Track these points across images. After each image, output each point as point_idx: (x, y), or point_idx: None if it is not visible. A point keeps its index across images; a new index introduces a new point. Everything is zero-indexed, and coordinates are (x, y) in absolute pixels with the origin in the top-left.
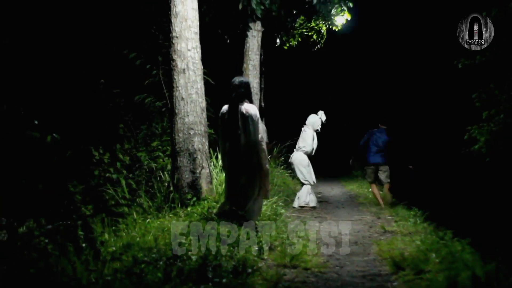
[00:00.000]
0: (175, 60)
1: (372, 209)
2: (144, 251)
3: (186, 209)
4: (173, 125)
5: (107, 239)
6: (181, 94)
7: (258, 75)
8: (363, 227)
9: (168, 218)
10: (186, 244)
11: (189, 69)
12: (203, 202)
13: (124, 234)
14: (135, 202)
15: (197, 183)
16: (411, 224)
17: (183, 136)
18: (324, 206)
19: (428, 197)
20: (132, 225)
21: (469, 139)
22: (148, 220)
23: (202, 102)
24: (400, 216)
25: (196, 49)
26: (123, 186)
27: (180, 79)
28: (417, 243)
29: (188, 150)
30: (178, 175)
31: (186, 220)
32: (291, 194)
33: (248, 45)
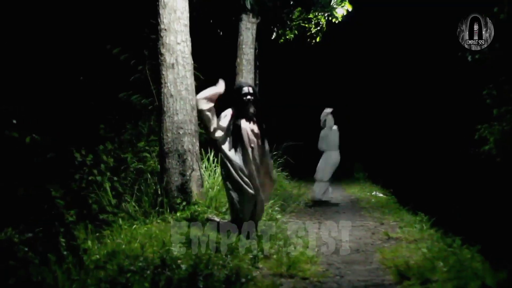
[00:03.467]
0: (164, 54)
1: (375, 214)
2: (130, 259)
3: (175, 214)
4: (161, 124)
5: (90, 247)
6: (169, 91)
7: (253, 70)
8: (365, 234)
9: (156, 224)
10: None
11: (179, 64)
12: (193, 206)
13: (109, 241)
14: (121, 206)
15: (187, 186)
16: (416, 230)
17: (172, 136)
18: (323, 210)
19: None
20: (117, 231)
21: (479, 139)
22: (134, 226)
23: (192, 100)
24: (405, 221)
25: (186, 43)
26: (108, 190)
27: (169, 74)
28: (423, 250)
29: (178, 151)
30: (167, 177)
31: (175, 226)
32: (288, 198)
33: (242, 38)
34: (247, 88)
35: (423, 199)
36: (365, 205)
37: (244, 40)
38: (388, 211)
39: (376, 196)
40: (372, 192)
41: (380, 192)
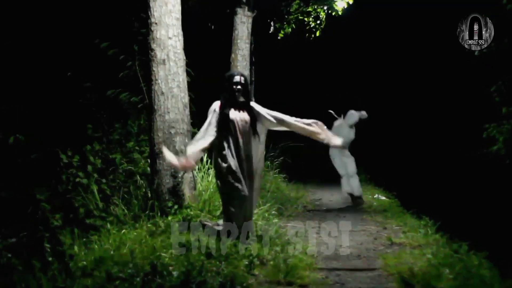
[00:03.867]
0: (154, 50)
1: (378, 218)
2: (119, 266)
3: (166, 218)
4: (151, 123)
5: (77, 252)
6: (160, 88)
7: (248, 67)
8: (367, 239)
9: (146, 229)
10: (166, 257)
11: (170, 59)
12: (185, 210)
13: (97, 247)
14: (109, 210)
15: (179, 189)
16: (421, 235)
17: (163, 136)
18: (323, 214)
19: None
20: (105, 236)
21: (487, 139)
22: (123, 231)
23: (184, 97)
24: (409, 226)
25: (177, 37)
26: (95, 193)
27: (160, 71)
28: (428, 256)
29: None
30: (158, 179)
31: (167, 231)
32: (285, 201)
33: (237, 33)
34: (239, 77)
35: (428, 203)
36: (366, 209)
37: (239, 34)
38: (391, 215)
39: (378, 199)
40: (374, 195)
41: (382, 195)
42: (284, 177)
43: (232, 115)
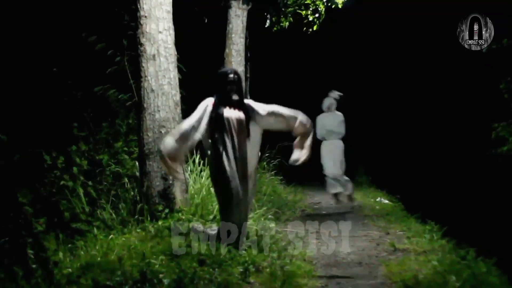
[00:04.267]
0: (144, 44)
1: (380, 222)
2: (107, 273)
3: (156, 222)
4: (141, 122)
5: (62, 259)
6: (150, 85)
7: (243, 62)
8: (368, 245)
9: (134, 234)
10: (156, 264)
11: (161, 55)
12: (177, 214)
13: (82, 253)
14: (96, 214)
15: (170, 191)
16: (426, 240)
17: (153, 136)
18: (322, 219)
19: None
20: (92, 242)
21: (496, 139)
22: (111, 236)
23: (175, 95)
24: (413, 231)
25: (168, 31)
26: (81, 196)
27: (150, 67)
28: (433, 263)
29: (159, 152)
30: (147, 182)
31: (157, 236)
32: (282, 205)
33: (231, 27)
34: (233, 75)
35: (434, 206)
36: (368, 213)
37: (234, 28)
38: (395, 220)
39: (381, 202)
40: (377, 198)
41: (385, 198)
42: (281, 179)
43: (226, 114)
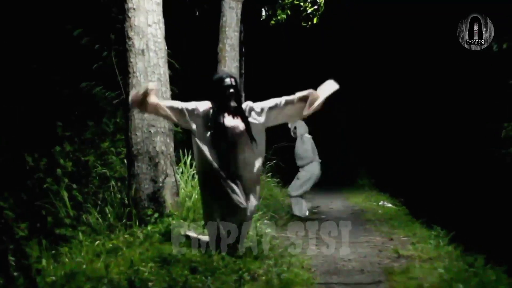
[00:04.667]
0: (132, 39)
1: (383, 228)
2: (92, 282)
3: (145, 227)
4: (129, 121)
5: (45, 266)
6: (139, 82)
7: (238, 58)
8: (371, 251)
9: (122, 240)
10: (145, 272)
11: (150, 49)
12: (167, 219)
13: (67, 260)
14: (81, 219)
15: (160, 195)
16: (432, 247)
17: (141, 136)
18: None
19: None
20: (77, 248)
21: (506, 138)
22: (97, 242)
23: (166, 92)
24: (418, 236)
25: (158, 24)
26: (65, 199)
27: (138, 62)
28: (439, 271)
29: (149, 153)
30: (136, 184)
31: (146, 242)
32: (279, 209)
33: (225, 20)
34: (230, 79)
35: (440, 210)
36: (371, 217)
37: (228, 21)
38: (398, 225)
39: (383, 206)
40: (379, 202)
41: (388, 202)
42: (278, 181)
43: (226, 124)
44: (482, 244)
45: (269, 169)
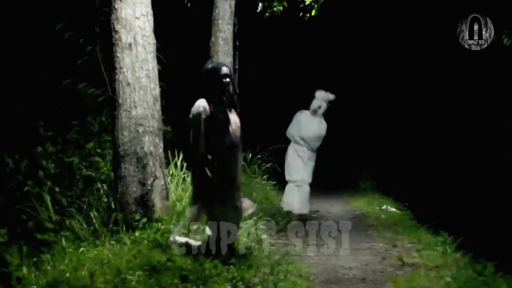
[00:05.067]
0: (118, 32)
1: (386, 233)
2: None
3: (133, 233)
4: (115, 120)
5: (26, 275)
6: (126, 78)
7: (231, 52)
8: (373, 259)
9: (108, 246)
10: (133, 280)
11: (138, 43)
12: (156, 224)
13: (49, 268)
14: (64, 224)
15: (148, 198)
16: (438, 254)
17: (129, 135)
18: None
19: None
20: (60, 255)
21: None
22: (82, 249)
23: (155, 89)
24: (424, 243)
25: (146, 17)
26: (48, 203)
27: (125, 57)
28: (446, 280)
29: (136, 153)
30: (122, 187)
31: (134, 249)
32: (275, 213)
33: (217, 11)
34: (225, 68)
35: (447, 215)
36: (373, 223)
37: (221, 14)
38: (403, 230)
39: (387, 211)
40: (382, 206)
41: (392, 206)
42: (274, 184)
43: (228, 118)
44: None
45: (265, 171)
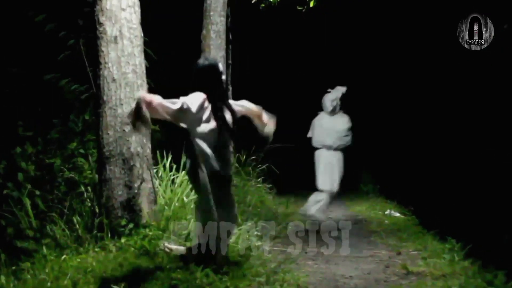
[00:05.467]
0: (103, 24)
1: (390, 240)
2: None
3: (118, 240)
4: (100, 118)
5: (4, 284)
6: (111, 74)
7: (224, 46)
8: (376, 267)
9: (92, 254)
10: None
11: (124, 37)
12: (143, 230)
13: (29, 277)
14: (45, 230)
15: (135, 202)
16: (445, 262)
17: (114, 135)
18: (319, 236)
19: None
20: (40, 263)
21: None
22: (64, 257)
23: (142, 85)
24: (430, 250)
25: (133, 8)
26: (28, 208)
27: (110, 51)
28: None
29: (122, 154)
30: (107, 191)
31: (119, 257)
32: (271, 218)
33: (209, 2)
34: (220, 65)
35: (454, 220)
36: (376, 228)
37: (213, 5)
38: (407, 237)
39: (390, 216)
40: (386, 210)
41: (396, 211)
42: (270, 187)
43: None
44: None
45: (260, 173)
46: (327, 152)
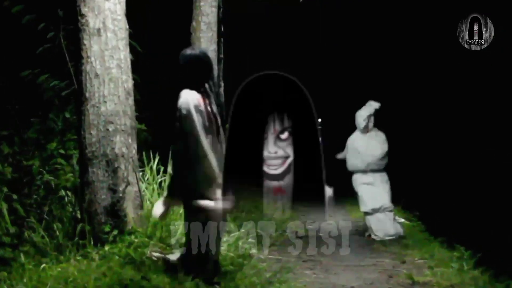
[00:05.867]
0: (85, 16)
1: (393, 248)
2: None
3: (102, 247)
4: (81, 116)
5: None
6: (94, 69)
7: (215, 39)
8: (378, 277)
9: (74, 263)
10: None
11: (107, 29)
12: (128, 237)
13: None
14: (23, 237)
15: (120, 207)
16: (453, 271)
17: (97, 135)
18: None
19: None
20: (18, 273)
21: None
22: (43, 266)
23: (127, 81)
24: (437, 259)
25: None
26: (4, 213)
27: (93, 44)
28: None
29: (106, 155)
30: (90, 195)
31: (103, 265)
32: (266, 225)
33: None
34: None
35: (463, 227)
36: None
37: None
38: (413, 244)
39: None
40: None
41: (400, 216)
42: None
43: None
44: None
45: None
46: (364, 175)
